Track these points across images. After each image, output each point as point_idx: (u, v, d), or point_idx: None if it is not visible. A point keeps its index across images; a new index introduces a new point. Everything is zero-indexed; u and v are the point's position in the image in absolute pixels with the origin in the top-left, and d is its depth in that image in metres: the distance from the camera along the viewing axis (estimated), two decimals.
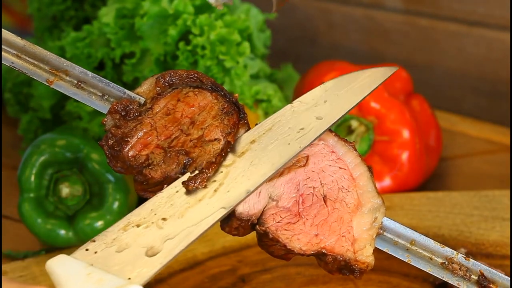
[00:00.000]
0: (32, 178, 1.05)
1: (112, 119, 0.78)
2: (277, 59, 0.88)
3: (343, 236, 0.80)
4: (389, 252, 0.82)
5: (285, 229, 0.80)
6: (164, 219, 0.75)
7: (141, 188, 0.78)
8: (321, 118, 0.82)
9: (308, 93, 0.84)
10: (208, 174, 0.75)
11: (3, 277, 0.63)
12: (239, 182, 0.77)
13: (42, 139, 1.09)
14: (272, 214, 0.80)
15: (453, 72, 1.55)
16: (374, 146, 1.23)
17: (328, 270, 0.82)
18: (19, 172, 1.06)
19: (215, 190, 0.77)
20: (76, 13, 1.32)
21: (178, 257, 1.04)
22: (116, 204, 1.07)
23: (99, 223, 1.06)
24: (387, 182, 1.21)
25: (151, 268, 0.71)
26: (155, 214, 0.75)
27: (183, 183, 0.75)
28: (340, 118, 0.82)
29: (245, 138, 0.80)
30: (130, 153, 0.78)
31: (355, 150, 0.82)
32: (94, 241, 0.73)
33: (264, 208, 0.80)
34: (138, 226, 0.74)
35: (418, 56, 1.57)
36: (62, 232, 1.06)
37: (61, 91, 0.80)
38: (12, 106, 1.32)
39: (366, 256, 0.80)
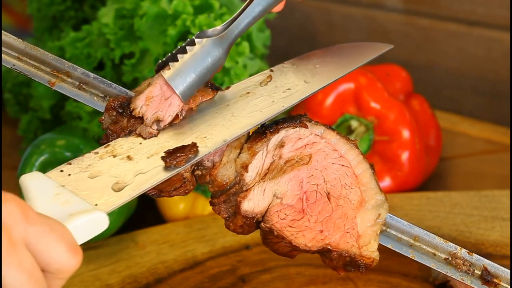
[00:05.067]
0: None
1: (109, 116, 0.78)
2: (277, 59, 0.88)
3: (347, 232, 0.81)
4: (393, 248, 0.82)
5: (290, 226, 0.80)
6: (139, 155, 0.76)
7: None
8: (308, 82, 0.83)
9: (301, 56, 0.86)
10: (189, 155, 0.75)
11: None
12: (218, 131, 0.77)
13: (42, 139, 1.09)
14: (277, 212, 0.80)
15: (453, 72, 1.55)
16: (374, 146, 1.23)
17: (333, 267, 0.82)
18: (19, 172, 1.06)
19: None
20: (76, 13, 1.32)
21: (178, 257, 1.04)
22: None
23: None
24: (387, 182, 1.21)
25: (118, 198, 0.71)
26: (131, 148, 0.76)
27: (162, 158, 0.75)
28: (326, 85, 0.83)
29: (233, 90, 0.81)
30: None
31: (357, 148, 0.82)
32: (70, 163, 0.74)
33: (268, 205, 0.80)
34: (114, 156, 0.75)
35: (418, 56, 1.57)
36: None
37: (63, 92, 0.81)
38: (12, 106, 1.32)
39: (371, 251, 0.81)
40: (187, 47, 0.77)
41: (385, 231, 0.82)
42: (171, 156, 0.74)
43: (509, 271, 0.83)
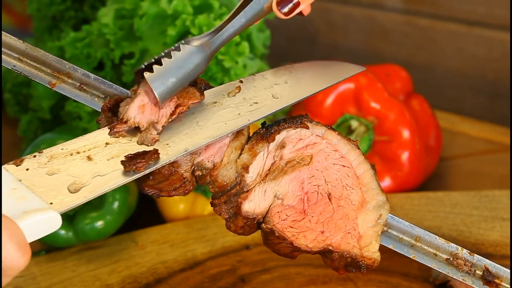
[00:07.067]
0: None
1: (106, 116, 0.78)
2: (277, 59, 0.88)
3: (348, 233, 0.81)
4: (394, 249, 0.82)
5: (291, 227, 0.80)
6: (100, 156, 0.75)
7: (146, 184, 0.78)
8: (277, 97, 0.82)
9: (273, 70, 0.85)
10: (149, 161, 0.74)
11: None
12: (181, 139, 0.77)
13: (42, 139, 1.09)
14: (278, 212, 0.80)
15: (453, 72, 1.55)
16: (374, 146, 1.23)
17: (334, 267, 0.82)
18: None
19: (156, 141, 0.76)
20: (76, 13, 1.32)
21: (178, 257, 1.05)
22: (116, 204, 1.08)
23: (99, 223, 1.06)
24: (387, 182, 1.21)
25: (74, 199, 0.71)
26: (94, 148, 0.75)
27: (122, 162, 0.74)
28: (293, 103, 0.82)
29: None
30: None
31: (358, 148, 0.82)
32: (30, 157, 0.73)
33: (269, 206, 0.80)
34: (71, 155, 0.74)
35: (418, 56, 1.57)
36: (62, 232, 1.06)
37: (63, 93, 0.80)
38: (12, 106, 1.32)
39: (372, 252, 0.81)
40: (172, 52, 0.78)
41: (386, 232, 0.82)
42: (131, 161, 0.74)
43: (509, 271, 0.83)
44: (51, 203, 0.69)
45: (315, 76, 0.85)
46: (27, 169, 0.72)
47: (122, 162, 0.73)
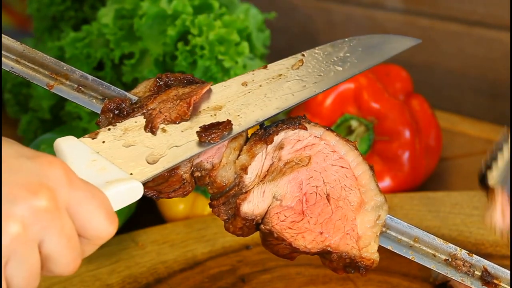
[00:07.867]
0: None
1: (106, 118, 0.78)
2: (277, 59, 0.88)
3: (347, 233, 0.81)
4: (393, 250, 0.82)
5: (290, 228, 0.80)
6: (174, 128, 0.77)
7: (145, 186, 0.78)
8: (339, 70, 0.84)
9: (332, 43, 0.87)
10: (223, 132, 0.76)
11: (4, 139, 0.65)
12: (251, 111, 0.79)
13: (42, 139, 1.09)
14: (277, 213, 0.80)
15: (453, 72, 1.55)
16: (374, 146, 1.23)
17: (333, 268, 0.82)
18: None
19: (228, 113, 0.78)
20: (76, 13, 1.32)
21: (178, 257, 1.04)
22: None
23: None
24: (387, 182, 1.21)
25: (153, 169, 0.72)
26: (166, 120, 0.77)
27: (197, 132, 0.76)
28: (356, 74, 0.84)
29: (264, 72, 0.82)
30: None
31: (357, 149, 0.82)
32: (105, 130, 0.75)
33: (268, 207, 0.80)
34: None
35: (418, 56, 1.57)
36: None
37: (61, 95, 0.80)
38: (12, 106, 1.32)
39: (371, 253, 0.81)
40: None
41: (385, 233, 0.82)
42: (206, 132, 0.76)
43: (509, 272, 0.83)
44: (131, 174, 0.71)
45: (374, 49, 0.87)
46: (104, 142, 0.73)
47: (197, 132, 0.75)
